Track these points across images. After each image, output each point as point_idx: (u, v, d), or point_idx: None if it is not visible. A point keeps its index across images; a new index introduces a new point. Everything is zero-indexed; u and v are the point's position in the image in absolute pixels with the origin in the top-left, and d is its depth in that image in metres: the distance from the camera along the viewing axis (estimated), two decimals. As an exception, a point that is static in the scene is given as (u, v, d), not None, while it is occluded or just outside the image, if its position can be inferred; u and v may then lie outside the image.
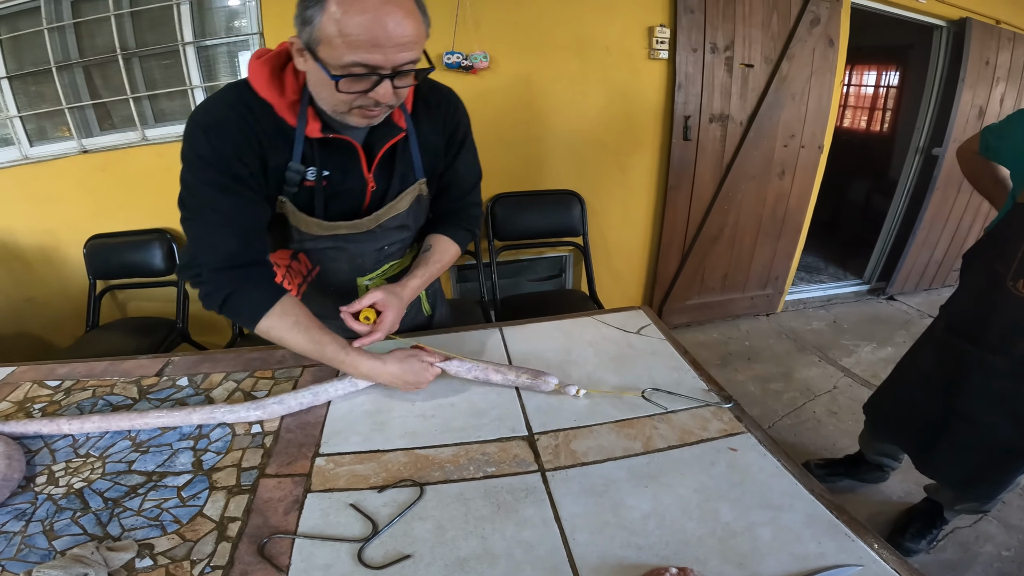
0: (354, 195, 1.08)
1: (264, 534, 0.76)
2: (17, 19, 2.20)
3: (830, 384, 2.82)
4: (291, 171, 0.99)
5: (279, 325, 0.99)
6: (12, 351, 2.74)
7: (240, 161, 0.94)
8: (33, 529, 0.78)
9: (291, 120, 0.96)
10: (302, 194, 1.04)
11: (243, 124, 0.93)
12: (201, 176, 0.94)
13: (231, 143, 0.93)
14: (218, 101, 0.96)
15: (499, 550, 0.72)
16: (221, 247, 0.96)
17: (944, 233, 3.67)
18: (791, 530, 0.75)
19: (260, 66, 0.95)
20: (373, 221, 1.11)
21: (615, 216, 2.92)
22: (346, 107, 0.90)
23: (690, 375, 1.12)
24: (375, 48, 0.81)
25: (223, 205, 0.95)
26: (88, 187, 2.40)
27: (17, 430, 0.97)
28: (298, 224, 1.07)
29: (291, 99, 0.96)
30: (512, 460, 0.89)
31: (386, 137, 1.04)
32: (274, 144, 0.97)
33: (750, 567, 0.69)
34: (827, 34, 2.77)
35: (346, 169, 1.04)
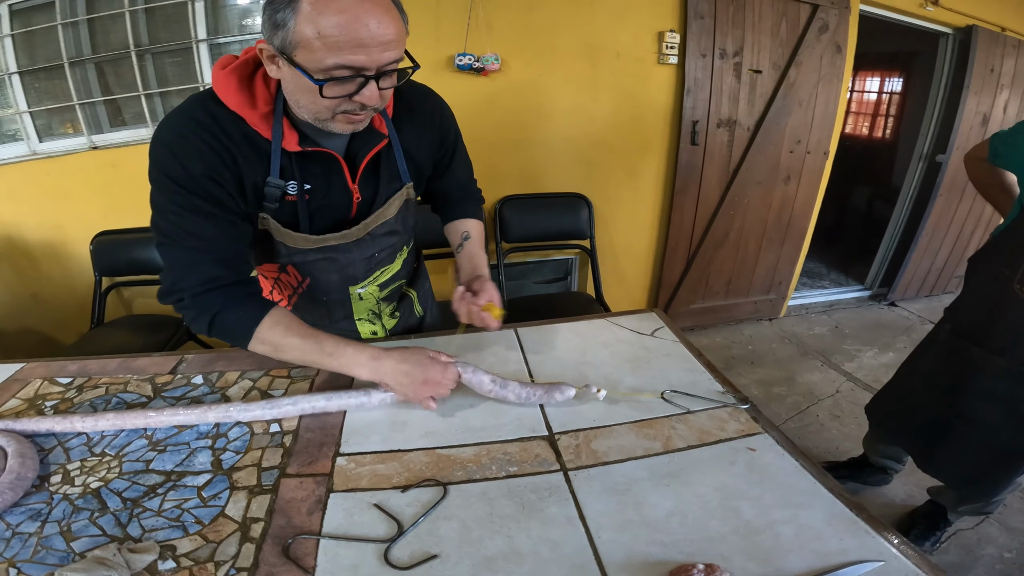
0: (340, 207, 1.04)
1: (288, 535, 0.75)
2: (31, 14, 2.21)
3: (833, 388, 2.84)
4: (270, 186, 0.94)
5: (271, 336, 0.95)
6: (16, 347, 2.74)
7: (213, 181, 0.88)
8: (50, 530, 0.76)
9: (265, 133, 0.91)
10: (284, 209, 0.99)
11: (212, 140, 0.87)
12: (173, 198, 0.88)
13: (201, 161, 0.87)
14: (183, 115, 0.88)
15: (525, 549, 0.73)
16: (201, 272, 0.91)
17: (946, 240, 3.69)
18: (812, 528, 0.76)
19: (226, 76, 0.88)
20: (362, 230, 1.08)
21: (622, 220, 2.93)
22: (329, 113, 0.85)
23: (705, 377, 1.13)
24: (359, 48, 0.76)
25: (199, 229, 0.89)
26: (98, 183, 2.40)
27: (29, 428, 0.96)
28: (283, 239, 1.02)
29: (263, 110, 0.90)
30: (534, 460, 0.89)
31: (368, 145, 1.00)
32: (248, 159, 0.91)
33: (774, 563, 0.70)
34: (835, 41, 2.79)
35: (329, 182, 1.00)
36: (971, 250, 3.79)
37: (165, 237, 0.91)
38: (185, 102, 0.91)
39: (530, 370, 1.15)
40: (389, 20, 0.78)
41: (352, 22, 0.74)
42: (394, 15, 0.79)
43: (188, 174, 0.86)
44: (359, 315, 1.26)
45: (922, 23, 3.12)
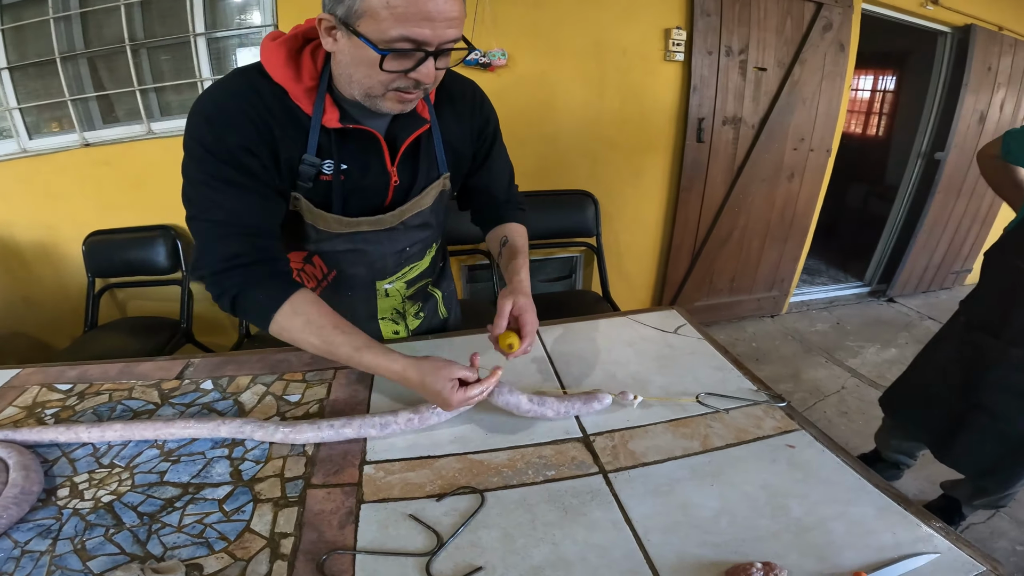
0: (376, 190, 1.01)
1: (321, 550, 0.70)
2: (21, 9, 2.15)
3: (838, 385, 2.84)
4: (305, 164, 0.92)
5: (290, 326, 0.90)
6: (6, 352, 2.67)
7: (248, 152, 0.87)
8: (62, 548, 0.71)
9: (307, 108, 0.90)
10: (318, 189, 0.96)
11: (251, 111, 0.86)
12: (205, 169, 0.87)
13: (238, 132, 0.86)
14: (224, 88, 0.88)
15: (573, 556, 0.70)
16: (223, 249, 0.89)
17: (944, 237, 3.72)
18: (863, 523, 0.74)
19: (275, 48, 0.88)
20: (396, 217, 1.04)
21: (627, 217, 2.92)
22: (382, 89, 0.84)
23: (735, 374, 1.11)
24: (425, 22, 0.75)
25: (227, 201, 0.88)
26: (90, 182, 2.34)
27: (30, 438, 0.90)
28: (315, 222, 0.99)
29: (308, 85, 0.89)
30: (571, 463, 0.86)
31: (409, 128, 0.97)
32: (286, 134, 0.90)
33: (830, 559, 0.69)
34: (838, 39, 2.80)
35: (367, 163, 0.97)
36: (968, 246, 3.84)
37: (195, 209, 0.89)
38: (229, 74, 0.90)
39: (556, 369, 1.12)
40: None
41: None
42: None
43: (222, 143, 0.85)
44: (383, 313, 1.22)
45: (922, 22, 3.14)
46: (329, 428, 0.91)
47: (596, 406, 0.97)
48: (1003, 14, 3.23)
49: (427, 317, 1.31)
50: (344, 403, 1.02)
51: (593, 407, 0.97)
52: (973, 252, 3.98)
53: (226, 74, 0.91)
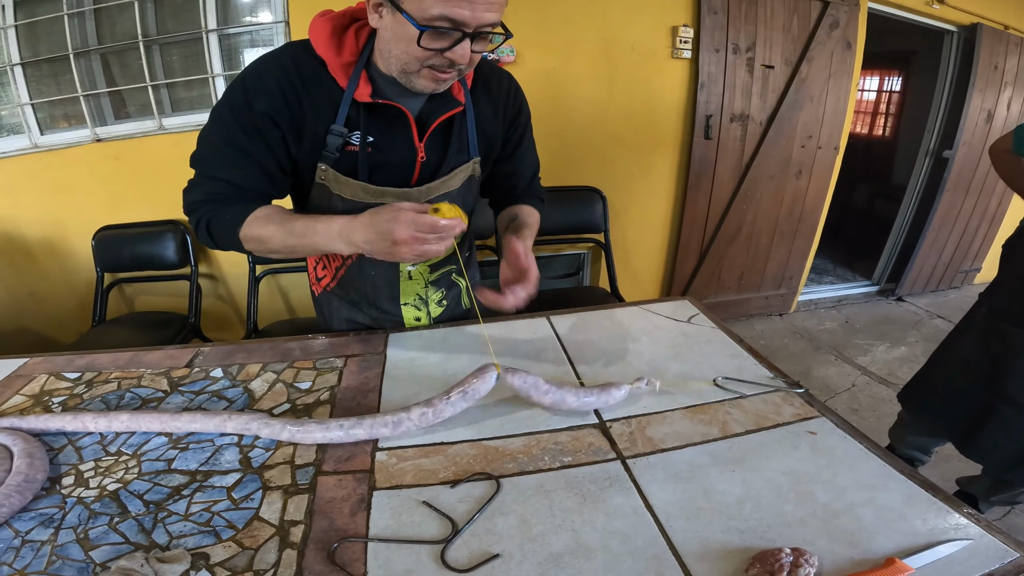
0: (402, 166, 1.03)
1: (332, 538, 0.69)
2: (35, 5, 2.16)
3: (848, 382, 2.83)
4: (333, 134, 0.96)
5: (253, 230, 0.95)
6: (12, 346, 2.67)
7: (269, 120, 0.92)
8: (64, 537, 0.69)
9: (342, 81, 0.94)
10: (344, 160, 0.99)
11: (285, 81, 0.91)
12: (218, 130, 0.94)
13: (267, 99, 0.91)
14: (266, 56, 0.94)
15: (593, 543, 0.68)
16: (207, 189, 0.96)
17: (952, 235, 3.71)
18: (893, 509, 0.73)
19: (323, 22, 0.93)
20: (423, 193, 1.06)
21: (635, 214, 2.91)
22: (418, 65, 0.86)
23: (751, 362, 1.10)
24: (465, 2, 0.78)
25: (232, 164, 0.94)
26: (101, 177, 2.34)
27: (36, 426, 0.89)
28: (341, 191, 1.01)
29: (347, 60, 0.93)
30: (587, 449, 0.85)
31: (442, 109, 1.00)
32: (317, 105, 0.94)
33: (861, 545, 0.67)
34: (845, 37, 2.80)
35: (393, 137, 1.00)
36: (977, 245, 3.82)
37: (194, 163, 0.97)
38: (280, 46, 0.96)
39: (569, 357, 1.11)
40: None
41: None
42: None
43: (248, 108, 0.91)
44: (405, 298, 1.22)
45: (928, 21, 3.13)
46: (339, 429, 0.87)
47: (612, 398, 0.95)
48: (1009, 13, 3.23)
49: (450, 306, 1.30)
50: (355, 390, 1.01)
51: (610, 399, 0.95)
52: (982, 251, 3.96)
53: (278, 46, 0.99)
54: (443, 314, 1.30)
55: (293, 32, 2.20)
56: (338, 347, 1.16)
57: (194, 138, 0.95)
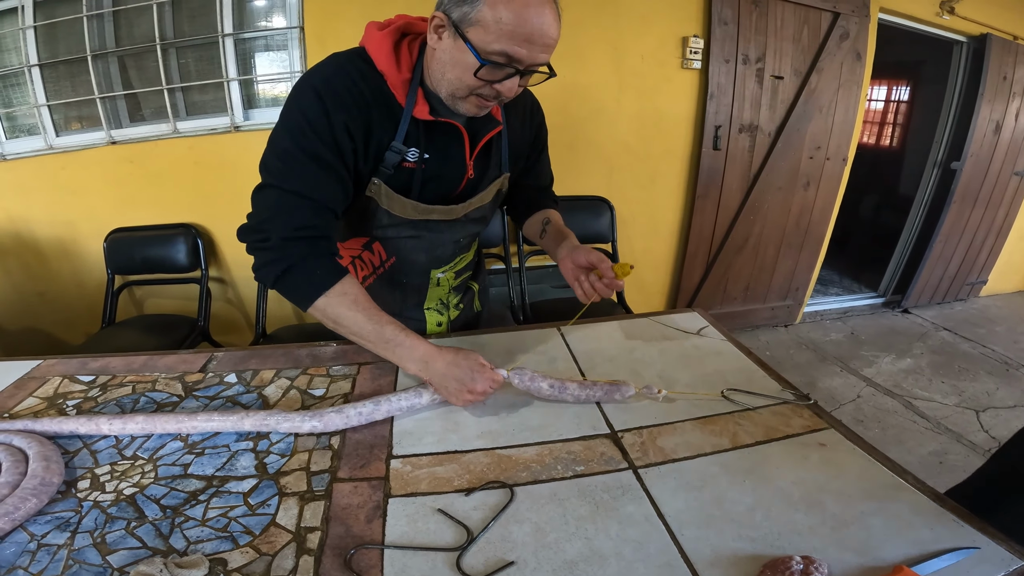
0: (451, 181, 1.07)
1: (348, 545, 0.69)
2: (54, 6, 2.18)
3: (854, 393, 2.83)
4: (393, 150, 0.97)
5: (337, 303, 0.94)
6: (19, 347, 2.70)
7: (346, 132, 0.92)
8: (81, 541, 0.69)
9: (400, 98, 0.95)
10: (398, 176, 1.01)
11: (356, 91, 0.91)
12: (298, 140, 0.91)
13: (344, 109, 0.91)
14: (332, 65, 0.93)
15: (607, 550, 0.69)
16: (297, 218, 0.92)
17: (959, 247, 3.70)
18: (901, 518, 0.74)
19: (383, 36, 0.94)
20: (464, 208, 1.10)
21: (642, 224, 2.92)
22: (467, 92, 0.90)
23: (760, 374, 1.11)
24: (526, 43, 0.82)
25: (312, 177, 0.92)
26: (114, 179, 2.36)
27: (51, 428, 0.89)
28: (391, 207, 1.03)
29: (405, 76, 0.94)
30: (599, 458, 0.86)
31: (486, 128, 1.04)
32: (381, 119, 0.95)
33: (870, 553, 0.68)
34: (855, 48, 2.81)
35: (448, 154, 1.03)
36: (984, 257, 3.81)
37: (272, 177, 0.93)
38: (335, 55, 0.95)
39: (580, 368, 1.12)
40: (557, 27, 0.85)
41: (533, 19, 0.81)
42: (559, 23, 0.86)
43: (326, 119, 0.90)
44: (430, 303, 1.26)
45: (938, 31, 3.14)
46: (355, 412, 0.92)
47: (618, 396, 0.98)
48: (1019, 23, 3.24)
49: (465, 309, 1.35)
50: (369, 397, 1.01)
51: (615, 396, 0.98)
52: (988, 263, 3.96)
53: (332, 55, 0.96)
54: (459, 318, 1.33)
55: (308, 38, 2.22)
56: (351, 355, 1.16)
57: (207, 142, 0.96)
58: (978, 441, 2.44)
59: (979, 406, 2.72)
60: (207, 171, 2.34)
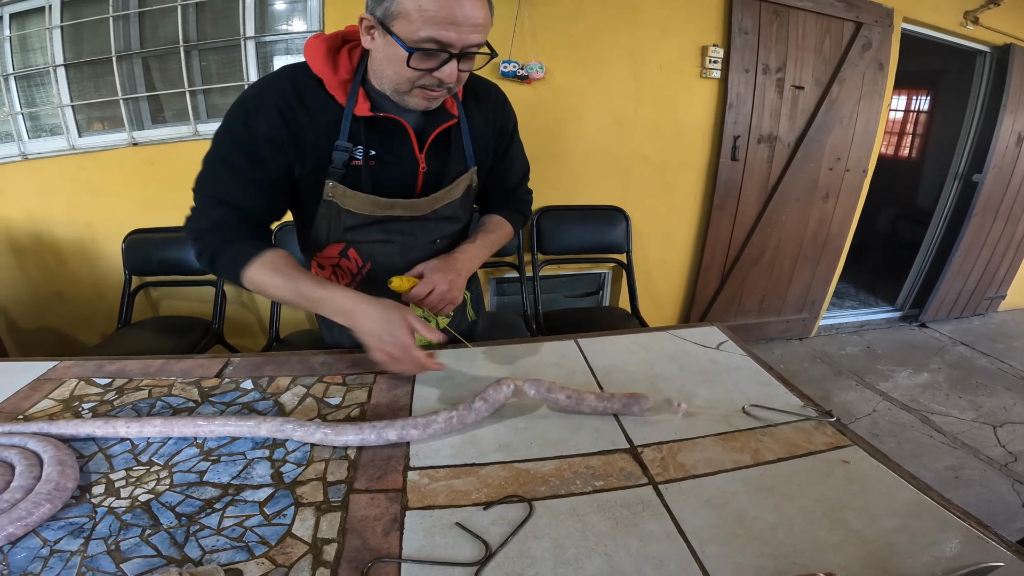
0: (404, 176, 1.08)
1: (365, 558, 0.68)
2: (80, 7, 2.21)
3: (869, 408, 2.80)
4: (338, 149, 0.99)
5: (258, 273, 0.98)
6: (35, 346, 2.73)
7: (271, 144, 0.95)
8: (95, 548, 0.68)
9: (340, 98, 0.98)
10: (349, 175, 1.03)
11: (283, 103, 0.95)
12: (220, 152, 0.97)
13: (267, 123, 0.94)
14: (265, 80, 0.98)
15: (627, 568, 0.68)
16: (211, 214, 0.98)
17: (978, 262, 3.65)
18: (925, 535, 0.73)
19: (317, 43, 0.98)
20: (430, 204, 1.11)
21: (657, 234, 2.91)
22: (409, 85, 0.92)
23: (781, 390, 1.09)
24: (451, 25, 0.84)
25: (226, 184, 0.97)
26: (135, 180, 2.39)
27: (67, 431, 0.88)
28: (350, 205, 1.05)
29: (343, 77, 0.97)
30: (619, 473, 0.85)
31: (437, 121, 1.05)
32: (317, 123, 0.98)
33: (893, 571, 0.67)
34: (878, 58, 2.78)
35: (395, 149, 1.04)
36: (1003, 271, 3.76)
37: (197, 183, 0.99)
38: (277, 70, 1.00)
39: (599, 381, 1.11)
40: (481, 6, 0.87)
41: (450, 1, 0.83)
42: (485, 3, 0.88)
43: (248, 129, 0.95)
44: (415, 310, 1.23)
45: (961, 41, 3.11)
46: (371, 430, 0.89)
47: (636, 408, 0.96)
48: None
49: (456, 317, 1.32)
50: (386, 407, 1.01)
51: (633, 409, 0.96)
52: (1008, 277, 3.90)
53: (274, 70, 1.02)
54: (450, 324, 1.30)
55: (328, 43, 2.23)
56: (367, 363, 1.15)
57: None
58: (995, 456, 2.41)
59: (996, 421, 2.69)
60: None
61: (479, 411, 0.95)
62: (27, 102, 2.39)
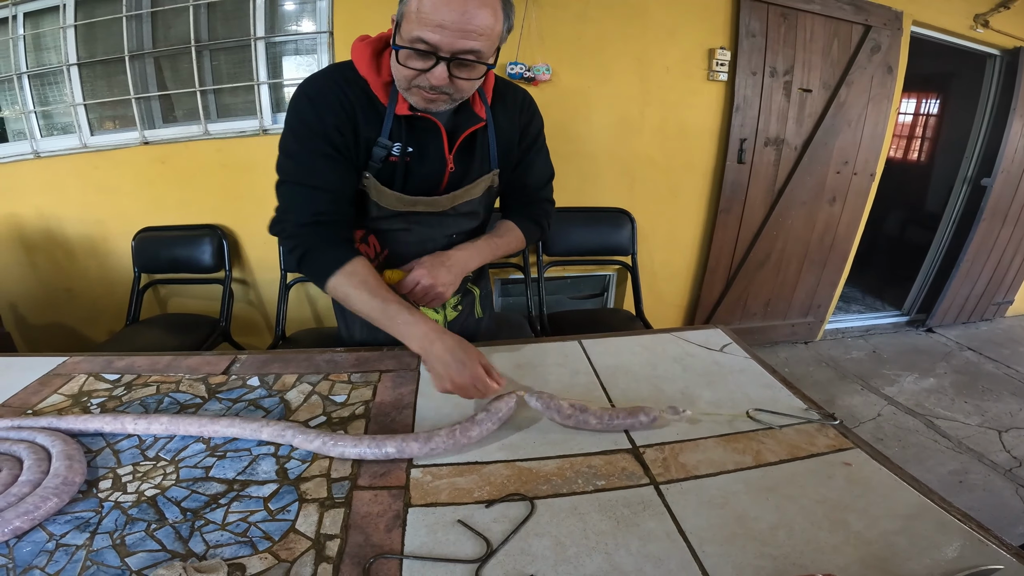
0: (433, 174, 1.11)
1: (367, 554, 0.69)
2: (94, 6, 2.23)
3: (874, 412, 2.79)
4: (379, 146, 1.04)
5: (346, 282, 1.01)
6: (43, 342, 2.76)
7: (338, 131, 1.01)
8: (100, 543, 0.69)
9: (383, 99, 1.03)
10: (385, 170, 1.08)
11: (341, 96, 1.01)
12: (305, 143, 1.02)
13: (332, 113, 1.01)
14: (321, 75, 1.04)
15: (627, 566, 0.68)
16: (311, 206, 1.03)
17: (986, 266, 3.63)
18: (925, 537, 0.73)
19: (363, 47, 1.03)
20: (450, 201, 1.14)
21: (662, 237, 2.91)
22: (406, 83, 0.96)
23: (784, 393, 1.10)
24: (439, 28, 0.85)
25: (323, 171, 1.02)
26: (145, 179, 2.41)
27: (75, 426, 0.90)
28: (379, 199, 1.10)
29: (386, 79, 1.02)
30: (620, 473, 0.86)
31: (466, 124, 1.08)
32: (367, 118, 1.03)
33: (893, 572, 0.67)
34: (886, 62, 2.77)
35: (428, 148, 1.08)
36: (1011, 276, 3.73)
37: (288, 175, 1.05)
38: (326, 67, 1.07)
39: (602, 383, 1.11)
40: (483, 13, 0.87)
41: (446, 4, 0.85)
42: (489, 12, 0.88)
43: (321, 122, 1.00)
44: None
45: (971, 44, 3.09)
46: (371, 443, 0.87)
47: (642, 419, 0.96)
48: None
49: (464, 312, 1.35)
50: (390, 405, 1.02)
51: (639, 421, 0.96)
52: (1016, 282, 3.88)
53: (324, 67, 1.07)
54: (457, 319, 1.34)
55: (336, 42, 2.25)
56: (372, 362, 1.17)
57: (235, 144, 1.02)
58: (999, 461, 2.41)
59: (1002, 426, 2.68)
60: (234, 173, 2.39)
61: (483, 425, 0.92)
62: (40, 101, 2.42)
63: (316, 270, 1.04)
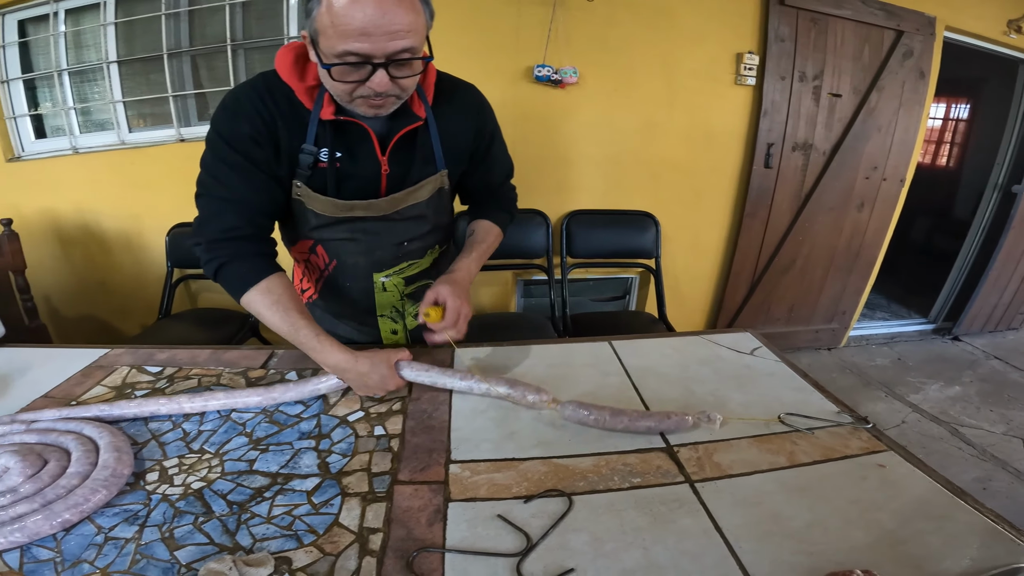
0: (367, 178, 1.09)
1: (410, 548, 0.70)
2: (133, 4, 2.28)
3: (898, 419, 2.77)
4: (304, 152, 1.02)
5: (260, 300, 1.00)
6: (74, 333, 2.81)
7: (254, 142, 0.98)
8: (149, 536, 0.69)
9: (308, 104, 1.00)
10: (316, 176, 1.06)
11: (260, 106, 0.98)
12: (217, 154, 0.99)
13: (248, 123, 0.98)
14: (243, 85, 1.01)
15: (664, 561, 0.70)
16: (222, 221, 1.00)
17: (1015, 275, 3.56)
18: (959, 536, 0.74)
19: (286, 52, 1.00)
20: (390, 204, 1.12)
21: (686, 240, 2.90)
22: (348, 97, 0.94)
23: (816, 396, 1.10)
24: (364, 37, 0.83)
25: (231, 183, 0.99)
26: (181, 176, 2.41)
27: (128, 412, 0.92)
28: (314, 206, 1.08)
29: (310, 84, 1.00)
30: (655, 471, 0.87)
31: (401, 124, 1.06)
32: (289, 126, 1.00)
33: (927, 569, 0.68)
34: (919, 67, 2.74)
35: (358, 151, 1.06)
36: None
37: (202, 188, 1.02)
38: (254, 76, 1.03)
39: (634, 383, 1.12)
40: (401, 11, 0.84)
41: (358, 11, 0.81)
42: (408, 6, 0.85)
43: (235, 132, 0.98)
44: (381, 310, 1.27)
45: (1004, 50, 3.05)
46: None
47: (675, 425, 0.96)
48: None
49: None
50: (427, 401, 1.04)
51: (671, 425, 0.96)
52: (1045, 291, 3.80)
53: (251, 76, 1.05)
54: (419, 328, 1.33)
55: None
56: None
57: None
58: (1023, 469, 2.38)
59: (1027, 434, 2.64)
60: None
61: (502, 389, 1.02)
62: (80, 97, 2.48)
63: (231, 285, 1.02)
